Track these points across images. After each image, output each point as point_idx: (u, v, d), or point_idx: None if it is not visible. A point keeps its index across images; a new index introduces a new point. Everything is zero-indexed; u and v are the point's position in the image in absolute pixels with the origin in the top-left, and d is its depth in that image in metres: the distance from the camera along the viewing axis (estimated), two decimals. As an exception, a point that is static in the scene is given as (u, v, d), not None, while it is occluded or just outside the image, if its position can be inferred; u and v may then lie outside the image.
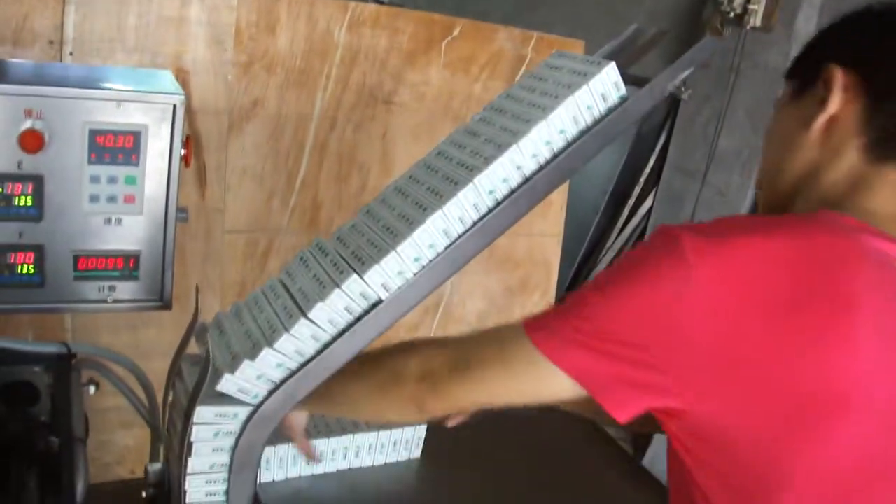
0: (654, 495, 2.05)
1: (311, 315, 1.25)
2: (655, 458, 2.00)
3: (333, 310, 1.26)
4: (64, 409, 1.38)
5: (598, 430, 2.34)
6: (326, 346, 1.30)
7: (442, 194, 1.30)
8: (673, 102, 5.19)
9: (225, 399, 1.25)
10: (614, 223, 5.43)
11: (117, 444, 3.22)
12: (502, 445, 2.20)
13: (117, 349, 1.73)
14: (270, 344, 1.24)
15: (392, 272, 1.28)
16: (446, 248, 1.31)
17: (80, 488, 1.27)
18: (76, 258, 1.51)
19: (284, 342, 1.25)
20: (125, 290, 1.56)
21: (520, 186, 1.32)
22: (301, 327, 1.25)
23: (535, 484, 2.05)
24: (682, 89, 1.44)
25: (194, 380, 1.25)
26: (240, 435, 1.26)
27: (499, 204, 1.31)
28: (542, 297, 4.00)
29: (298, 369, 1.26)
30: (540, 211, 3.81)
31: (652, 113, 5.15)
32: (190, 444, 1.25)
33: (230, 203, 3.15)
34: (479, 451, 2.14)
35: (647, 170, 5.30)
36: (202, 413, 1.24)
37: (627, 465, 2.16)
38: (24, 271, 1.49)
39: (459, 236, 1.31)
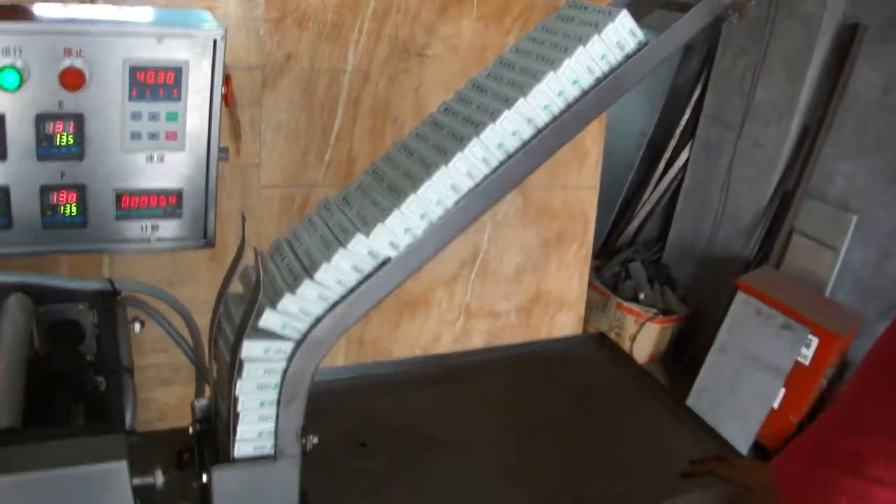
0: (697, 432, 2.05)
1: (316, 276, 1.24)
2: (703, 392, 1.99)
3: (340, 270, 1.24)
4: (110, 342, 1.38)
5: (643, 371, 2.34)
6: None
7: (447, 151, 1.27)
8: (708, 54, 5.14)
9: (271, 334, 1.25)
10: (650, 177, 5.40)
11: (157, 402, 3.25)
12: (543, 383, 2.22)
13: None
14: (310, 275, 1.23)
15: (398, 230, 1.26)
16: (455, 203, 1.28)
17: (128, 415, 1.27)
18: (118, 196, 1.51)
19: (324, 273, 1.25)
20: (168, 228, 1.56)
21: (533, 138, 1.29)
22: (306, 288, 1.24)
23: (576, 424, 2.05)
24: (730, 12, 1.39)
25: (240, 316, 1.24)
26: (288, 365, 1.26)
27: (511, 157, 1.29)
28: (579, 250, 3.98)
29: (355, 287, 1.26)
30: (576, 163, 3.80)
31: (687, 65, 5.11)
32: (238, 381, 1.25)
33: (265, 158, 3.15)
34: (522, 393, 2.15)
35: (683, 123, 5.26)
36: (250, 349, 1.23)
37: (672, 403, 2.14)
38: (67, 212, 1.49)
39: (469, 191, 1.28)
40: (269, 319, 1.22)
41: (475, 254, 3.73)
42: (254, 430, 1.32)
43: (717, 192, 5.04)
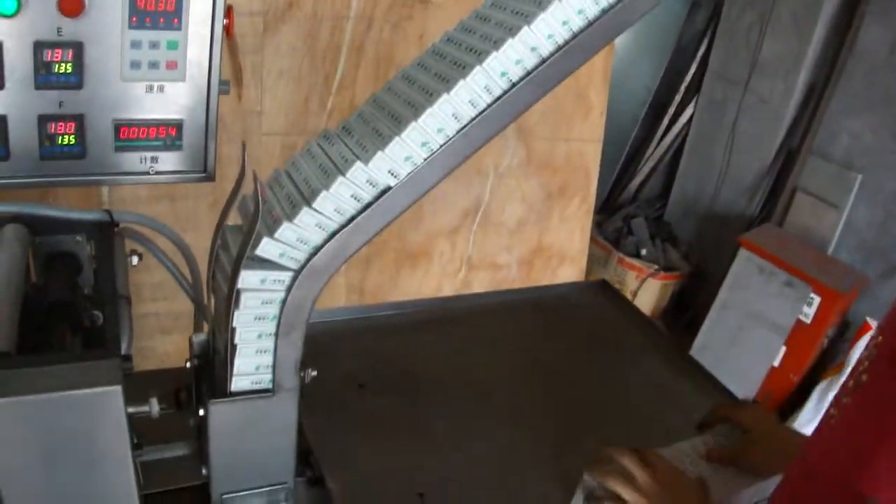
0: (699, 380, 2.05)
1: (315, 204, 1.21)
2: (704, 350, 1.98)
3: (339, 198, 1.22)
4: (107, 271, 1.35)
5: (646, 318, 2.32)
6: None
7: (450, 79, 1.24)
8: (715, 9, 5.09)
9: (269, 264, 1.23)
10: (653, 133, 5.37)
11: (156, 351, 3.24)
12: (546, 328, 2.21)
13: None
14: (309, 204, 1.21)
15: (399, 158, 1.23)
16: (458, 132, 1.25)
17: (124, 341, 1.25)
18: (117, 127, 1.48)
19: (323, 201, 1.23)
20: (168, 160, 1.53)
21: (536, 68, 1.26)
22: (305, 216, 1.21)
23: (578, 369, 2.05)
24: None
25: (238, 246, 1.22)
26: (286, 296, 1.24)
27: (514, 86, 1.26)
28: (581, 203, 3.97)
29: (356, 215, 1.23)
30: (580, 116, 3.77)
31: (693, 20, 5.07)
32: (235, 312, 1.23)
33: (267, 106, 3.12)
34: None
35: (688, 79, 5.22)
36: (247, 278, 1.21)
37: (675, 353, 2.13)
38: (65, 142, 1.46)
39: (471, 120, 1.25)
40: (267, 248, 1.20)
41: (477, 205, 3.71)
42: (251, 364, 1.30)
43: (720, 149, 5.01)
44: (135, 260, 1.50)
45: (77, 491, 1.10)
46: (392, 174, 1.23)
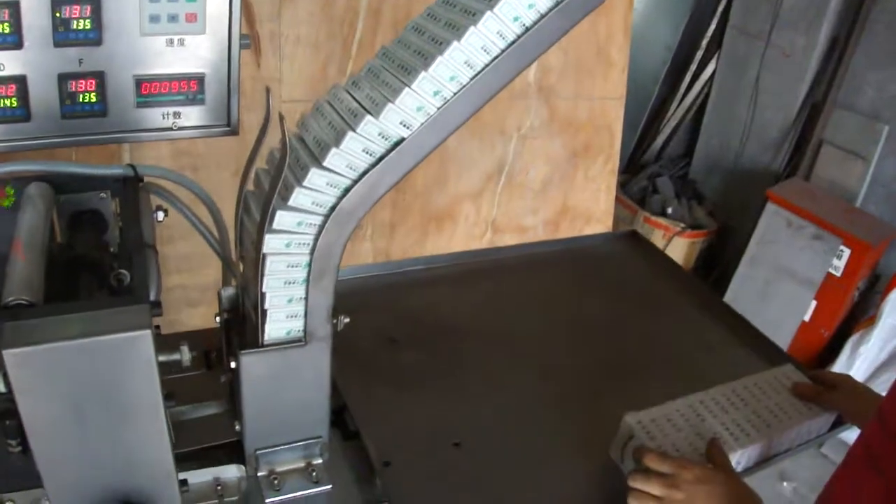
0: (736, 328, 2.04)
1: (326, 163, 1.19)
2: (732, 306, 1.96)
3: (351, 154, 1.19)
4: (133, 223, 1.33)
5: (678, 268, 2.30)
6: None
7: (459, 27, 1.21)
8: (733, -36, 5.03)
9: (300, 208, 1.21)
10: (675, 91, 5.31)
11: (184, 324, 3.22)
12: (578, 279, 2.20)
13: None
14: (337, 144, 1.18)
15: (410, 109, 1.20)
16: (471, 79, 1.22)
17: (152, 289, 1.23)
18: (138, 83, 1.45)
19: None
20: (190, 115, 1.51)
21: (551, 10, 1.23)
22: (314, 176, 1.19)
23: (612, 319, 2.03)
24: None
25: (266, 192, 1.20)
26: (316, 241, 1.22)
27: (528, 30, 1.22)
28: (606, 162, 3.93)
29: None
30: (601, 73, 3.73)
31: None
32: (265, 260, 1.21)
33: (286, 73, 3.10)
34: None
35: (709, 34, 5.15)
36: (277, 222, 1.19)
37: (709, 301, 2.11)
38: (86, 100, 1.43)
39: (485, 66, 1.22)
40: (297, 197, 1.18)
41: (501, 167, 3.68)
42: (282, 313, 1.29)
43: (744, 105, 4.95)
44: (160, 215, 1.48)
45: (108, 440, 1.08)
46: (421, 111, 1.20)
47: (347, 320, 1.36)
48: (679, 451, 1.47)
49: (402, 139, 1.20)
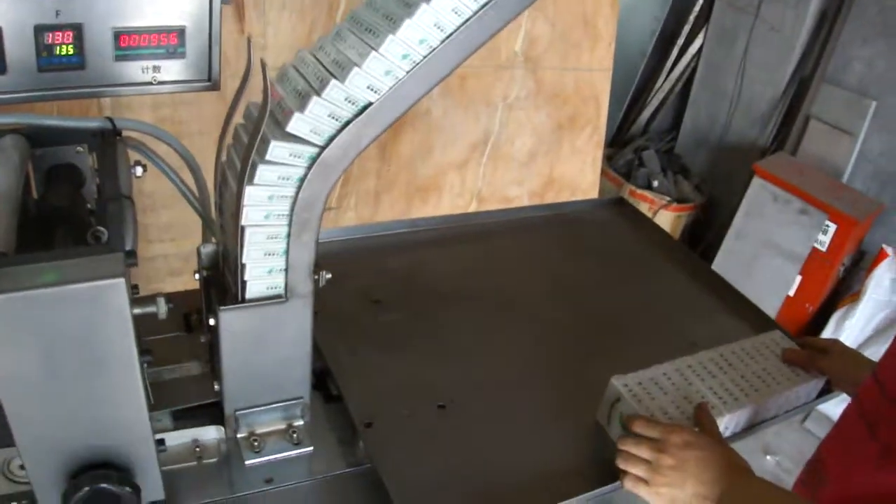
0: (724, 294, 2.03)
1: (289, 128, 1.15)
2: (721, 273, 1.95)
3: (315, 119, 1.15)
4: (110, 175, 1.30)
5: (665, 234, 2.28)
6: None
7: None
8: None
9: (280, 159, 1.17)
10: (663, 65, 5.28)
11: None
12: (563, 243, 2.19)
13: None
14: (319, 93, 1.15)
15: (378, 73, 1.16)
16: (442, 42, 1.18)
17: (128, 238, 1.20)
18: (117, 35, 1.41)
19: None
20: (170, 69, 1.47)
21: None
22: (315, 106, 1.15)
23: (597, 283, 2.01)
24: None
25: (247, 142, 1.17)
26: (297, 193, 1.19)
27: None
28: (592, 134, 3.91)
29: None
30: (588, 45, 3.70)
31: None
32: (245, 209, 1.18)
33: (271, 39, 3.05)
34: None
35: (697, 8, 5.11)
36: (258, 174, 1.16)
37: (697, 268, 2.10)
38: (64, 52, 1.39)
39: (456, 29, 1.18)
40: (276, 145, 1.15)
41: (486, 137, 3.65)
42: (262, 268, 1.26)
43: (731, 79, 4.92)
44: (139, 170, 1.44)
45: (81, 395, 1.05)
46: (407, 59, 1.16)
47: (329, 276, 1.33)
48: (667, 414, 1.45)
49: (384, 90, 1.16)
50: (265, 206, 1.19)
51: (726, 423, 1.50)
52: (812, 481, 1.48)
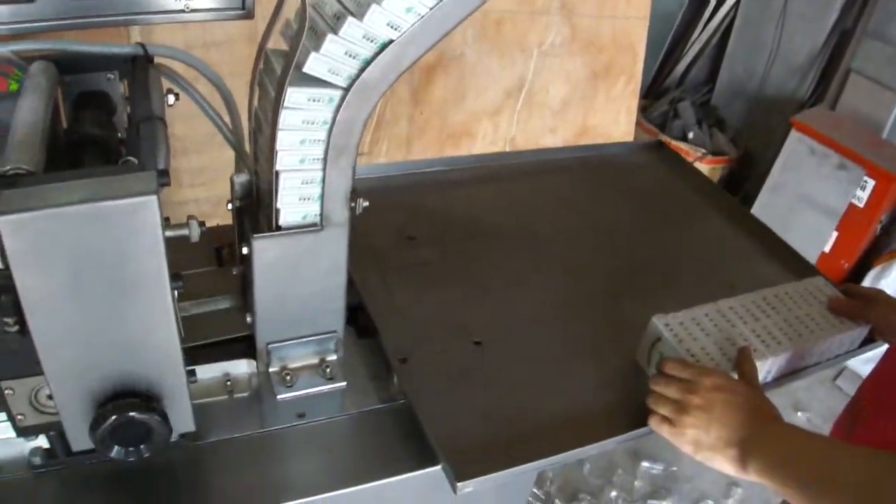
0: (764, 239, 2.02)
1: (305, 69, 1.11)
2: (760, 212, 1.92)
3: (351, 40, 1.11)
4: (143, 99, 1.26)
5: (705, 178, 2.24)
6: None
7: None
8: None
9: (316, 81, 1.14)
10: (700, 15, 5.18)
11: (196, 237, 3.18)
12: (600, 184, 2.15)
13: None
14: (356, 15, 1.10)
15: (398, 10, 1.11)
16: None
17: (160, 157, 1.16)
18: (148, -40, 1.38)
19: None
20: (202, -5, 1.44)
21: None
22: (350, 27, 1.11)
23: (634, 225, 1.98)
24: None
25: (282, 66, 1.13)
26: (335, 116, 1.15)
27: None
28: (627, 84, 3.85)
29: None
30: (624, -8, 3.64)
31: None
32: (280, 134, 1.14)
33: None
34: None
35: (736, -43, 5.02)
36: (293, 96, 1.12)
37: (736, 212, 2.05)
38: (94, -23, 1.36)
39: None
40: (313, 64, 1.11)
41: (520, 84, 3.61)
42: (297, 195, 1.22)
43: (770, 30, 4.83)
44: (171, 99, 1.41)
45: (111, 318, 1.02)
46: (393, 26, 1.11)
47: (366, 204, 1.30)
48: (708, 354, 1.41)
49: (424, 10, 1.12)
50: (300, 130, 1.15)
51: (768, 367, 1.47)
52: (848, 422, 1.47)
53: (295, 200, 1.22)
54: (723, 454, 1.26)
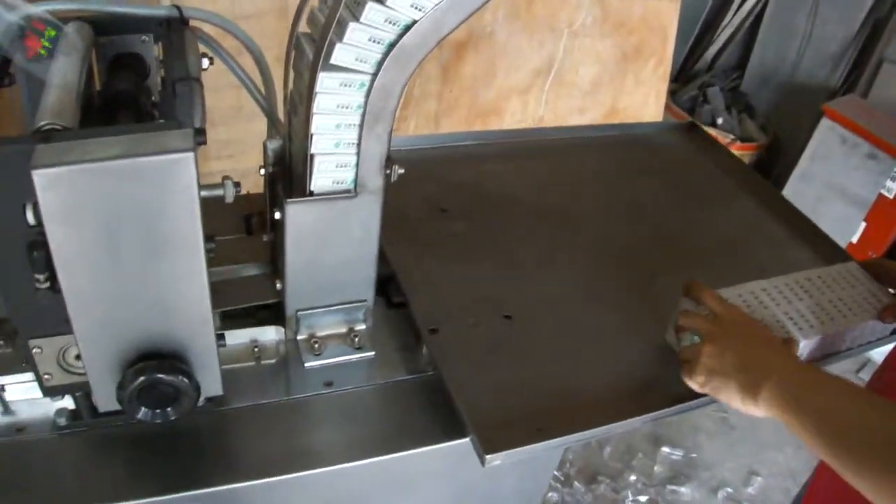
0: (795, 223, 1.97)
1: (332, 60, 1.10)
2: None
3: (358, 45, 1.10)
4: (177, 56, 1.25)
5: (736, 159, 2.22)
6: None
7: None
8: None
9: (356, 44, 1.12)
10: (731, 0, 5.14)
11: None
12: (631, 163, 2.14)
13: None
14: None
15: None
16: None
17: (196, 116, 1.15)
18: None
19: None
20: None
21: None
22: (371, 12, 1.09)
23: (664, 205, 1.96)
24: None
25: (322, 26, 1.11)
26: (373, 81, 1.14)
27: None
28: (657, 67, 3.82)
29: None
30: (657, -26, 3.61)
31: None
32: (316, 97, 1.12)
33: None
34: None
35: (770, -58, 4.98)
36: (332, 57, 1.10)
37: (768, 195, 2.03)
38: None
39: None
40: (353, 31, 1.09)
41: (549, 64, 3.58)
42: (332, 161, 1.21)
43: (803, 17, 4.79)
44: (205, 62, 1.39)
45: (143, 276, 1.01)
46: (416, 6, 1.10)
47: (402, 171, 1.28)
48: None
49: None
50: (337, 92, 1.14)
51: (801, 351, 1.45)
52: (874, 387, 1.48)
53: (329, 168, 1.21)
54: (735, 379, 1.24)
